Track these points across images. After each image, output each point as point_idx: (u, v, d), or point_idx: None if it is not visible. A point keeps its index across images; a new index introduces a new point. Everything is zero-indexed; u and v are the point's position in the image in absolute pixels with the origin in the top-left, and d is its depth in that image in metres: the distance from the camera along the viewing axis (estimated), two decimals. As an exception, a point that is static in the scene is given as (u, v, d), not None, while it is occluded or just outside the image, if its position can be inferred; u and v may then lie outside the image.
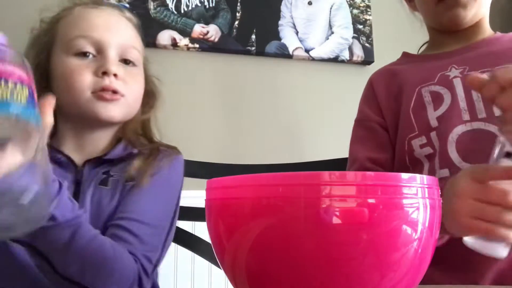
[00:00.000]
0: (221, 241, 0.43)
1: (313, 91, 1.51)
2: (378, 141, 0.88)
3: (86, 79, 0.68)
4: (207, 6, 1.43)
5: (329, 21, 1.55)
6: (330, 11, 1.56)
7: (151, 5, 1.38)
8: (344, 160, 0.94)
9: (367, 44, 1.56)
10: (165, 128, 0.85)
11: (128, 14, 0.78)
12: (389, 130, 0.88)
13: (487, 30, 0.87)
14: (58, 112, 0.69)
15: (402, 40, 0.96)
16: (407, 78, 0.86)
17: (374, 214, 0.36)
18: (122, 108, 0.72)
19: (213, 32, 1.42)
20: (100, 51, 0.69)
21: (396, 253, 0.38)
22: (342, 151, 0.95)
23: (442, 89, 0.80)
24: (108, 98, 0.69)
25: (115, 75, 0.69)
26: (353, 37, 1.55)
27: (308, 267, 0.37)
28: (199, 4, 1.43)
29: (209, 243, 0.67)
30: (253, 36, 1.45)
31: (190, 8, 1.42)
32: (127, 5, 1.32)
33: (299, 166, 1.06)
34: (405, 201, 0.38)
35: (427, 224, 0.39)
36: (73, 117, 0.71)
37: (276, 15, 1.49)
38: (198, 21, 1.41)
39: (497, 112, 0.73)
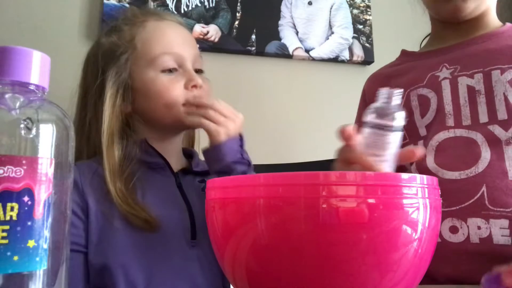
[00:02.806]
0: (221, 241, 0.43)
1: (313, 91, 1.50)
2: None
3: (179, 94, 0.72)
4: (207, 6, 1.43)
5: (329, 21, 1.55)
6: (330, 11, 1.56)
7: (151, 5, 1.37)
8: (344, 160, 0.94)
9: (367, 44, 1.56)
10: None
11: (182, 21, 0.81)
12: None
13: (492, 23, 0.83)
14: (143, 125, 0.74)
15: (402, 40, 0.96)
16: (399, 81, 0.84)
17: (374, 214, 0.36)
18: None
19: (213, 32, 1.42)
20: (181, 65, 0.73)
21: (396, 253, 0.38)
22: (342, 151, 0.95)
23: (429, 93, 0.78)
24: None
25: (200, 86, 0.74)
26: (353, 37, 1.55)
27: (308, 267, 0.37)
28: (199, 4, 1.43)
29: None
30: (253, 36, 1.45)
31: (190, 8, 1.41)
32: (127, 5, 1.32)
33: (299, 166, 1.06)
34: (405, 201, 0.38)
35: (427, 224, 0.39)
36: (160, 127, 0.74)
37: (276, 15, 1.49)
38: (198, 21, 1.41)
39: (482, 119, 0.72)
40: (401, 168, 0.79)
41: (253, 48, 1.44)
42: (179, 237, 0.68)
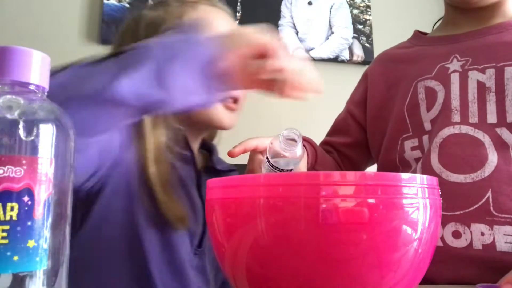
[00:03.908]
0: (221, 241, 0.43)
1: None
2: (335, 125, 0.96)
3: None
4: (207, 6, 1.43)
5: (329, 21, 1.55)
6: (330, 11, 1.56)
7: (151, 5, 1.38)
8: (344, 160, 0.95)
9: (367, 44, 1.56)
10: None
11: (231, 12, 0.76)
12: (367, 114, 0.88)
13: (510, 12, 0.78)
14: (173, 116, 0.68)
15: (402, 40, 0.96)
16: (407, 69, 0.82)
17: (374, 214, 0.36)
18: (238, 115, 0.74)
19: (213, 32, 1.42)
20: None
21: (396, 253, 0.38)
22: (342, 151, 0.95)
23: (437, 85, 0.75)
24: (234, 108, 0.72)
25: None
26: (353, 37, 1.55)
27: (308, 267, 0.37)
28: (199, 4, 1.43)
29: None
30: (253, 36, 1.45)
31: (190, 8, 1.42)
32: (127, 5, 1.32)
33: (299, 166, 1.06)
34: (405, 201, 0.38)
35: (427, 224, 0.39)
36: (190, 122, 0.69)
37: (276, 15, 1.49)
38: (198, 21, 1.41)
39: (490, 119, 0.69)
40: (405, 166, 0.78)
41: (253, 48, 1.44)
42: (186, 241, 0.65)
